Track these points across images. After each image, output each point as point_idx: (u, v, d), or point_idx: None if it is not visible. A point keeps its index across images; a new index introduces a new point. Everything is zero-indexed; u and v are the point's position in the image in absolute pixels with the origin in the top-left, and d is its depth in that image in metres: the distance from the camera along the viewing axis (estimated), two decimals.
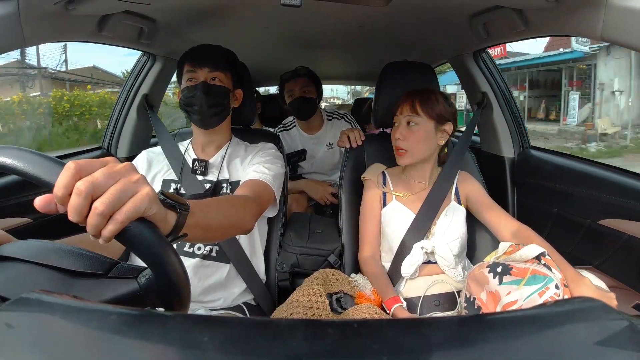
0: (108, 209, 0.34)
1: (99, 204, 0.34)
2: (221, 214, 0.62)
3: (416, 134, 0.96)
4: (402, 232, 0.96)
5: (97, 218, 0.34)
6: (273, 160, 0.97)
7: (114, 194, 0.35)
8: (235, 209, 0.69)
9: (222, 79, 0.95)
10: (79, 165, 0.35)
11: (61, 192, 0.34)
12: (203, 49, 0.97)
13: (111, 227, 0.35)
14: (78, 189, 0.34)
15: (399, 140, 0.97)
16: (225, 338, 0.28)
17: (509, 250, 0.79)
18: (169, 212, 0.43)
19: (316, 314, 0.76)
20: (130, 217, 0.36)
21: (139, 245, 0.37)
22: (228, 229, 0.67)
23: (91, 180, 0.34)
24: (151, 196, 0.37)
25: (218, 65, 0.94)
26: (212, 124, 0.97)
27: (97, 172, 0.35)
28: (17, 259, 0.40)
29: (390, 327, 0.32)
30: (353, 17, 1.19)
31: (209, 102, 0.93)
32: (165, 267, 0.38)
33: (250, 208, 0.74)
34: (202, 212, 0.52)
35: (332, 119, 1.76)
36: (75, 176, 0.34)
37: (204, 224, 0.53)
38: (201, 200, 0.59)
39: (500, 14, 1.00)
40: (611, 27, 0.68)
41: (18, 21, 0.72)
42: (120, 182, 0.36)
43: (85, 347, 0.27)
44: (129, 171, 0.37)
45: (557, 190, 1.20)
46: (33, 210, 0.35)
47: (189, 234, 0.47)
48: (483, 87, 1.39)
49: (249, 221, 0.73)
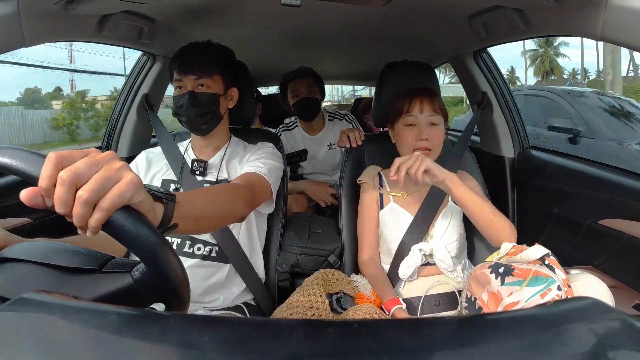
0: (92, 197, 0.34)
1: (82, 192, 0.34)
2: (211, 202, 0.61)
3: (440, 133, 0.96)
4: (401, 234, 0.96)
5: (81, 207, 0.34)
6: (270, 157, 0.97)
7: (98, 181, 0.35)
8: (226, 196, 0.68)
9: (209, 85, 0.93)
10: (61, 156, 0.35)
11: (45, 183, 0.34)
12: (190, 53, 0.94)
13: (97, 215, 0.34)
14: (61, 179, 0.34)
15: (424, 142, 0.94)
16: (225, 338, 0.28)
17: (512, 251, 0.79)
18: (156, 203, 0.42)
19: (316, 314, 0.76)
20: (115, 204, 0.35)
21: (127, 235, 0.36)
22: (221, 218, 0.66)
23: (73, 170, 0.34)
24: (135, 182, 0.37)
25: (204, 71, 0.92)
26: (204, 131, 0.97)
27: (79, 162, 0.35)
28: (13, 259, 0.40)
29: (390, 327, 0.32)
30: (353, 17, 1.19)
31: (197, 112, 0.92)
32: (157, 257, 0.37)
33: (241, 195, 0.73)
34: (190, 202, 0.52)
35: (334, 120, 1.75)
36: (58, 166, 0.34)
37: (194, 214, 0.53)
38: (190, 191, 0.58)
39: (500, 14, 1.00)
40: (611, 27, 0.68)
41: (18, 21, 0.72)
42: (103, 170, 0.36)
43: (85, 347, 0.27)
44: (112, 159, 0.37)
45: (557, 190, 1.20)
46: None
47: (180, 225, 0.46)
48: (483, 87, 1.39)
49: (242, 208, 0.72)
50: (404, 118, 0.97)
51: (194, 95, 0.91)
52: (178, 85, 0.94)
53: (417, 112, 0.95)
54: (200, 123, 0.94)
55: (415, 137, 0.94)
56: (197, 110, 0.92)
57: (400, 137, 0.99)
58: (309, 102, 1.62)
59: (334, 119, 1.75)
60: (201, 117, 0.93)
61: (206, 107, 0.93)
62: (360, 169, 1.12)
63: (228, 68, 0.98)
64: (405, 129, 0.97)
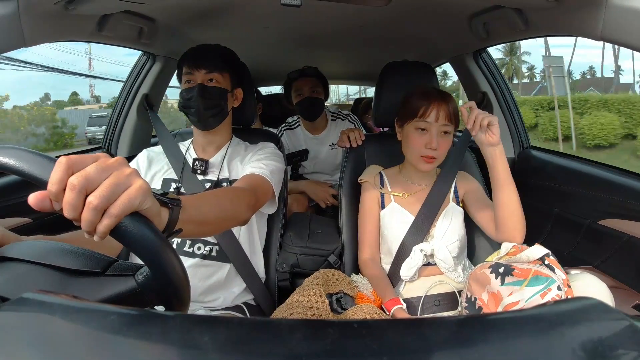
0: (102, 203, 0.34)
1: (92, 198, 0.34)
2: (215, 206, 0.62)
3: (448, 142, 0.93)
4: (402, 234, 0.96)
5: (91, 213, 0.34)
6: (271, 157, 0.97)
7: (108, 187, 0.35)
8: (230, 200, 0.69)
9: (219, 80, 0.95)
10: (71, 161, 0.35)
11: (55, 188, 0.34)
12: (201, 50, 0.97)
13: (106, 221, 0.35)
14: (71, 184, 0.34)
15: (432, 151, 0.91)
16: (225, 338, 0.28)
17: (512, 251, 0.79)
18: (162, 208, 0.43)
19: (316, 314, 0.76)
20: (124, 211, 0.35)
21: (134, 241, 0.36)
22: (224, 222, 0.67)
23: (84, 175, 0.34)
24: (144, 189, 0.37)
25: (215, 67, 0.94)
26: (210, 125, 0.97)
27: (89, 167, 0.35)
28: (15, 259, 0.40)
29: (390, 327, 0.32)
30: (353, 17, 1.19)
31: (206, 104, 0.93)
32: (162, 263, 0.37)
33: (245, 199, 0.73)
34: (195, 206, 0.52)
35: (336, 119, 1.76)
36: (68, 171, 0.34)
37: (198, 218, 0.53)
38: (194, 194, 0.58)
39: (500, 14, 1.00)
40: (611, 27, 0.68)
41: (18, 21, 0.72)
42: (113, 176, 0.35)
43: (85, 347, 0.27)
44: (121, 165, 0.37)
45: (557, 190, 1.20)
46: (33, 210, 0.35)
47: (184, 229, 0.46)
48: (483, 87, 1.39)
49: (245, 212, 0.72)
50: (416, 122, 0.92)
51: (204, 88, 0.93)
52: (188, 79, 0.95)
53: (432, 119, 0.90)
54: (208, 116, 0.95)
55: (425, 145, 0.91)
56: (206, 102, 0.93)
57: (408, 140, 0.95)
58: (312, 102, 1.62)
59: (337, 118, 1.76)
60: (209, 110, 0.94)
61: (215, 100, 0.94)
62: (361, 168, 1.12)
63: (235, 69, 1.00)
64: (415, 134, 0.93)
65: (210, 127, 0.98)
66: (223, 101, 0.96)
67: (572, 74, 29.40)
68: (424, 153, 0.92)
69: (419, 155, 0.93)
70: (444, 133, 0.92)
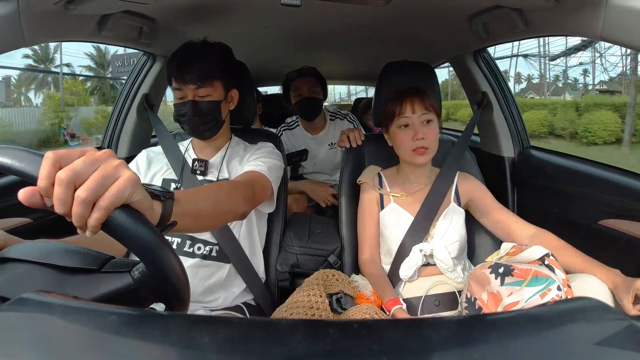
0: (91, 196, 0.34)
1: (81, 191, 0.34)
2: (211, 199, 0.61)
3: (434, 130, 0.96)
4: (401, 234, 0.96)
5: (80, 206, 0.34)
6: (269, 155, 0.97)
7: (96, 180, 0.34)
8: (226, 193, 0.68)
9: (210, 92, 0.92)
10: (58, 155, 0.35)
11: (44, 183, 0.34)
12: (187, 57, 0.92)
13: (96, 214, 0.34)
14: (59, 178, 0.34)
15: (420, 141, 0.94)
16: (225, 338, 0.28)
17: (512, 251, 0.79)
18: (155, 201, 0.42)
19: (316, 314, 0.76)
20: (114, 203, 0.35)
21: (126, 235, 0.36)
22: (220, 215, 0.66)
23: (71, 169, 0.34)
24: (133, 180, 0.37)
25: (205, 78, 0.90)
26: (207, 137, 0.98)
27: (76, 161, 0.35)
28: (14, 260, 0.40)
29: (390, 327, 0.32)
30: (353, 17, 1.19)
31: (200, 121, 0.93)
32: (156, 257, 0.37)
33: (241, 192, 0.73)
34: (189, 200, 0.52)
35: (335, 119, 1.76)
36: (55, 165, 0.34)
37: (194, 211, 0.53)
38: (189, 189, 0.58)
39: (500, 14, 0.99)
40: (611, 27, 0.68)
41: (18, 21, 0.72)
42: (101, 168, 0.35)
43: (85, 348, 0.27)
44: (109, 157, 0.37)
45: (557, 190, 1.20)
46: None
47: (180, 223, 0.46)
48: (483, 87, 1.39)
49: (242, 205, 0.71)
50: (397, 120, 0.97)
51: (195, 105, 0.91)
52: (179, 95, 0.93)
53: (409, 113, 0.95)
54: (203, 130, 0.95)
55: (412, 138, 0.95)
56: (199, 119, 0.93)
57: (396, 140, 0.99)
58: (311, 102, 1.62)
59: (336, 118, 1.76)
60: (204, 125, 0.94)
61: (208, 115, 0.93)
62: (360, 169, 1.12)
63: (227, 69, 0.97)
64: (400, 131, 0.97)
65: (207, 138, 0.98)
66: (217, 113, 0.95)
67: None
68: (414, 146, 0.95)
69: (411, 150, 0.95)
70: (426, 122, 0.95)
